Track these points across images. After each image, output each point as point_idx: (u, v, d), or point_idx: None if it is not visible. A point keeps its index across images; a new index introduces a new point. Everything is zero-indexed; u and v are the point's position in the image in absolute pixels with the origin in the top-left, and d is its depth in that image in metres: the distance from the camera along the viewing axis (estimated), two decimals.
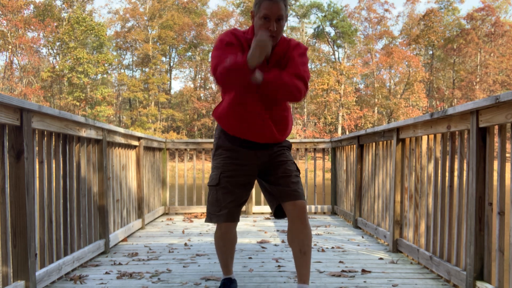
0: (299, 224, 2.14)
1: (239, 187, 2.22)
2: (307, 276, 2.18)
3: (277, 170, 2.21)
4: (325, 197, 6.13)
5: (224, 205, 2.20)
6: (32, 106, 2.26)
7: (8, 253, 2.15)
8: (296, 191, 2.16)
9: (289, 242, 2.20)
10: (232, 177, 2.20)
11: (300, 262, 2.16)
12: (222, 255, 2.39)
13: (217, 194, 2.21)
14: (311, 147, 6.07)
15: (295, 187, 2.17)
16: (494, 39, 39.24)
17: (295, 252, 2.17)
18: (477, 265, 2.26)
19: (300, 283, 2.18)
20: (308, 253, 2.16)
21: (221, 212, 2.20)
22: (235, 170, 2.21)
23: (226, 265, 2.43)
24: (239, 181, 2.21)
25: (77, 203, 3.01)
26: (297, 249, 2.16)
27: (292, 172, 2.22)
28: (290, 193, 2.15)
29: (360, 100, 40.13)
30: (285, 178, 2.19)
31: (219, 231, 2.30)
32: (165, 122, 41.54)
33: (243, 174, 2.22)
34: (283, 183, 2.18)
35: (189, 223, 5.13)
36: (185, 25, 40.33)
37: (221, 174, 2.20)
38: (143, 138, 4.75)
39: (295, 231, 2.15)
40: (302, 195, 2.17)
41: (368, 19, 43.00)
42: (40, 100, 35.47)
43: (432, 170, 2.91)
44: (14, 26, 35.61)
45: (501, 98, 1.97)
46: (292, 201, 2.14)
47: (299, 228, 2.14)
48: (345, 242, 3.93)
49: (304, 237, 2.15)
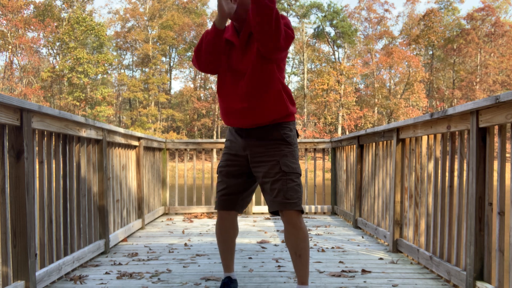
0: (291, 229, 2.14)
1: (230, 177, 2.29)
2: (306, 277, 2.19)
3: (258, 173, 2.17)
4: (325, 197, 6.13)
5: (218, 193, 2.33)
6: (32, 106, 2.26)
7: (8, 253, 2.15)
8: (277, 200, 2.09)
9: (286, 244, 2.22)
10: (224, 166, 2.31)
11: (297, 264, 2.18)
12: (220, 245, 2.42)
13: (218, 183, 2.34)
14: (311, 147, 6.07)
15: (276, 196, 2.09)
16: (494, 39, 39.26)
17: (291, 254, 2.19)
18: (477, 265, 2.26)
19: (299, 284, 2.20)
20: (304, 255, 2.15)
21: (219, 199, 2.32)
22: (228, 160, 2.31)
23: (225, 258, 2.44)
24: (230, 171, 2.29)
25: (77, 203, 3.01)
26: (293, 252, 2.17)
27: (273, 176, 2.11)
28: (275, 204, 2.11)
29: (360, 100, 40.15)
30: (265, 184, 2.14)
31: (217, 219, 2.40)
32: (165, 122, 41.56)
33: (235, 165, 2.29)
34: (267, 191, 2.15)
35: (189, 223, 5.13)
36: (185, 25, 40.34)
37: (223, 163, 2.33)
38: (143, 138, 4.75)
39: (289, 235, 2.16)
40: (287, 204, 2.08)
41: (368, 19, 43.03)
42: (40, 100, 35.47)
43: (432, 170, 2.91)
44: (14, 26, 35.62)
45: (501, 98, 1.97)
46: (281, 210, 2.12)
47: (292, 232, 2.14)
48: (345, 242, 3.93)
49: (298, 241, 2.14)
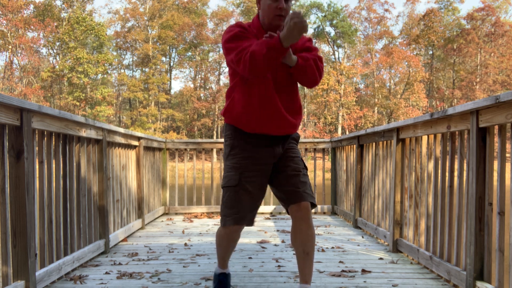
0: (304, 225, 2.10)
1: (260, 188, 2.15)
2: (310, 276, 2.15)
3: (287, 167, 2.16)
4: (325, 197, 6.13)
5: (244, 208, 2.12)
6: (32, 106, 2.26)
7: (8, 253, 2.14)
8: (305, 192, 2.11)
9: (292, 242, 2.16)
10: (253, 177, 2.13)
11: (303, 262, 2.13)
12: (224, 251, 2.33)
13: (236, 195, 2.11)
14: (311, 147, 6.07)
15: (304, 188, 2.12)
16: (494, 39, 39.25)
17: (299, 253, 2.14)
18: (477, 265, 2.26)
19: (302, 283, 2.15)
20: (311, 253, 2.13)
21: (239, 214, 2.11)
22: (256, 171, 2.13)
23: (223, 258, 2.37)
24: (259, 182, 2.14)
25: (77, 203, 3.01)
26: (301, 250, 2.13)
27: (301, 171, 2.16)
28: (298, 194, 2.10)
29: (360, 100, 40.14)
30: (294, 177, 2.13)
31: (225, 231, 2.20)
32: (165, 122, 41.56)
33: (264, 175, 2.16)
34: (292, 183, 2.12)
35: (189, 223, 5.13)
36: (185, 25, 40.33)
37: (241, 175, 2.11)
38: (143, 138, 4.75)
39: (299, 232, 2.12)
40: (309, 196, 2.12)
41: (368, 19, 43.02)
42: (40, 100, 35.47)
43: (432, 170, 2.91)
44: (14, 26, 35.62)
45: (501, 98, 1.97)
46: (298, 202, 2.10)
47: (303, 229, 2.11)
48: (345, 242, 3.93)
49: (308, 237, 2.12)
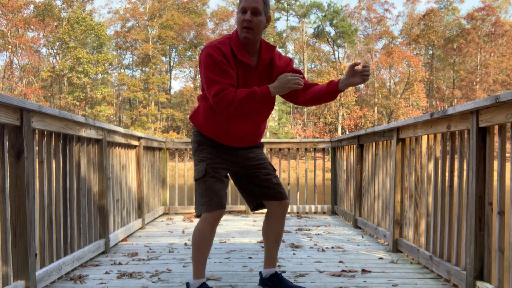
0: (281, 220, 2.45)
1: (225, 176, 2.36)
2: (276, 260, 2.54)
3: (259, 172, 2.41)
4: (325, 197, 6.13)
5: (215, 193, 2.26)
6: (32, 106, 2.26)
7: (8, 253, 2.15)
8: (280, 192, 2.43)
9: (266, 233, 2.47)
10: (217, 167, 2.31)
11: (274, 250, 2.49)
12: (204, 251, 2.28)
13: (205, 184, 2.26)
14: (311, 147, 6.07)
15: (279, 188, 2.43)
16: (494, 39, 39.25)
17: (270, 242, 2.47)
18: (477, 265, 2.26)
19: (272, 267, 2.50)
20: (280, 241, 2.51)
21: (212, 200, 2.25)
22: (219, 162, 2.32)
23: (202, 262, 2.31)
24: (222, 172, 2.33)
25: (77, 203, 3.01)
26: (273, 240, 2.47)
27: (272, 173, 2.44)
28: (276, 194, 2.41)
29: (360, 100, 40.11)
30: (268, 180, 2.41)
31: (207, 222, 2.25)
32: (165, 122, 41.54)
33: (225, 168, 2.35)
34: (267, 185, 2.41)
35: (189, 223, 5.13)
36: (185, 25, 40.32)
37: (207, 166, 2.28)
38: (143, 138, 4.75)
39: (276, 225, 2.45)
40: (285, 195, 2.46)
41: (368, 19, 43.01)
42: (40, 100, 35.47)
43: (432, 170, 2.91)
44: (14, 26, 35.61)
45: (501, 98, 1.97)
46: (278, 201, 2.41)
47: (280, 223, 2.46)
48: (345, 242, 3.93)
49: (281, 229, 2.49)
